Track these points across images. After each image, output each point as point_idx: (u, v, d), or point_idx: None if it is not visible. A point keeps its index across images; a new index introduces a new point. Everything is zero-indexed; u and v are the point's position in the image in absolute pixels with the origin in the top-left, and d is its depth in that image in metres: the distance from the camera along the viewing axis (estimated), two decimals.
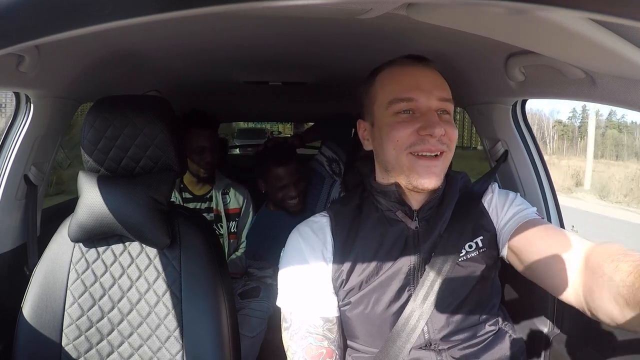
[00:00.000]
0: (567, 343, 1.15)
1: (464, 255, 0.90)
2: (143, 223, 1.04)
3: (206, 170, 1.87)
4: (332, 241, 0.95)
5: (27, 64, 0.98)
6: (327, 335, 0.90)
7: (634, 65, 0.70)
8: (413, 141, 0.85)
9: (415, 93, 0.86)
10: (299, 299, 0.92)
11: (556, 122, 31.01)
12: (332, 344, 0.90)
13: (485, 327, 0.91)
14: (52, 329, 1.05)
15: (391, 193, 0.92)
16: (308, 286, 0.92)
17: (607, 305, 0.69)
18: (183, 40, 1.17)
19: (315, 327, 0.90)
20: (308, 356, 0.88)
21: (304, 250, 0.94)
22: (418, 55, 0.92)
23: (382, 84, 0.91)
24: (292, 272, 0.94)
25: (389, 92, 0.89)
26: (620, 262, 0.68)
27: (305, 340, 0.89)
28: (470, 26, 0.76)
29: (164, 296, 1.07)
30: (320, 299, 0.92)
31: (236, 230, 2.00)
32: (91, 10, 0.24)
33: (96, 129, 1.04)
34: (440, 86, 0.89)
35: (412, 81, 0.88)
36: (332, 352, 0.89)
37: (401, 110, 0.87)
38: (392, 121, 0.87)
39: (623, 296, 0.65)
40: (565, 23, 0.62)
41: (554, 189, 1.35)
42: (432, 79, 0.89)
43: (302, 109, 2.88)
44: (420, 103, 0.86)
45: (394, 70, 0.91)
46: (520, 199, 0.98)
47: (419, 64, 0.90)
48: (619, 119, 23.28)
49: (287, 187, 1.81)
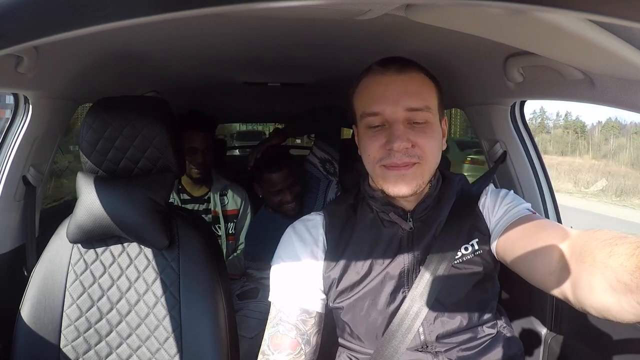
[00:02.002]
0: (565, 344, 1.15)
1: (460, 258, 0.90)
2: (142, 224, 1.04)
3: (199, 172, 1.87)
4: (324, 239, 0.95)
5: (26, 65, 0.97)
6: (298, 326, 0.88)
7: (632, 66, 0.70)
8: (381, 155, 0.86)
9: (380, 106, 0.85)
10: (283, 290, 0.92)
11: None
12: (300, 336, 0.88)
13: (483, 330, 0.91)
14: (51, 330, 1.04)
15: (380, 198, 0.93)
16: (294, 278, 0.92)
17: (599, 296, 0.65)
18: (182, 41, 1.17)
19: (288, 316, 0.89)
20: (271, 344, 0.87)
21: (295, 245, 0.95)
22: (394, 59, 0.90)
23: (359, 95, 0.92)
24: (282, 266, 0.94)
25: (361, 105, 0.90)
26: (614, 246, 0.64)
27: (275, 327, 0.89)
28: (469, 27, 0.76)
29: (162, 297, 1.07)
30: (303, 291, 0.91)
31: (234, 232, 2.00)
32: (90, 11, 0.24)
33: (95, 130, 1.04)
34: (412, 94, 0.85)
35: (379, 93, 0.87)
36: (297, 344, 0.87)
37: (371, 124, 0.88)
38: (365, 135, 0.89)
39: (624, 282, 0.60)
40: (564, 24, 0.62)
41: (552, 190, 1.35)
42: (401, 88, 0.86)
43: (301, 110, 2.88)
44: (385, 115, 0.85)
45: (367, 81, 0.90)
46: (512, 196, 0.96)
47: (390, 72, 0.87)
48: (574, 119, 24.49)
49: (282, 192, 1.81)
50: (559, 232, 0.80)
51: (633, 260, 0.60)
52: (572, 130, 20.54)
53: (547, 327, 1.22)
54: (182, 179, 1.93)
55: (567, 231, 0.79)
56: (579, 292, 0.70)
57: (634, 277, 0.59)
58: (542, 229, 0.83)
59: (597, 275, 0.65)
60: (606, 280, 0.64)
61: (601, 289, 0.65)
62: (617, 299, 0.62)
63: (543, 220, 0.88)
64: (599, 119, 30.10)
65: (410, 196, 0.89)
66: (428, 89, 0.89)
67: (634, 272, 0.59)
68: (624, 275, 0.60)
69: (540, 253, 0.79)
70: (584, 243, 0.71)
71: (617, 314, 0.64)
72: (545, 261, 0.77)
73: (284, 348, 0.86)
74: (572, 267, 0.72)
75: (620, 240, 0.65)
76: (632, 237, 0.65)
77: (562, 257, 0.75)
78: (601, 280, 0.64)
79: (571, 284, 0.72)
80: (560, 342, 1.16)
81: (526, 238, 0.83)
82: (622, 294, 0.61)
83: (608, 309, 0.65)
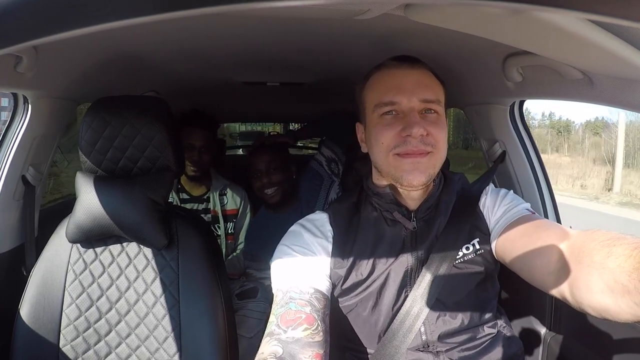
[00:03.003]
0: (565, 344, 1.15)
1: (461, 257, 0.90)
2: (141, 224, 1.03)
3: (195, 169, 1.87)
4: (333, 237, 0.95)
5: (25, 65, 0.97)
6: (312, 302, 0.81)
7: (631, 65, 0.70)
8: (396, 143, 0.87)
9: (396, 96, 0.87)
10: (292, 273, 0.87)
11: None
12: (316, 312, 0.79)
13: (484, 329, 0.91)
14: (50, 330, 1.04)
15: (386, 195, 0.93)
16: (304, 263, 0.89)
17: (597, 297, 0.65)
18: (181, 41, 1.17)
19: (301, 293, 0.82)
20: (282, 321, 0.77)
21: (304, 236, 0.94)
22: (406, 56, 0.93)
23: (370, 88, 0.93)
24: (290, 254, 0.90)
25: (374, 96, 0.91)
26: (612, 247, 0.64)
27: (285, 306, 0.79)
28: (468, 27, 0.76)
29: (161, 297, 1.06)
30: (315, 273, 0.88)
31: (234, 231, 2.00)
32: (89, 11, 0.24)
33: (94, 129, 1.04)
34: (426, 86, 0.89)
35: (395, 84, 0.89)
36: (314, 319, 0.78)
37: (385, 112, 0.88)
38: (378, 124, 0.89)
39: (621, 283, 0.60)
40: (563, 23, 0.62)
41: (551, 189, 1.35)
42: (415, 80, 0.89)
43: (300, 110, 2.88)
44: (402, 105, 0.87)
45: (381, 74, 0.92)
46: (511, 196, 0.97)
47: (404, 65, 0.91)
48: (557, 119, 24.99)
49: (260, 175, 1.84)
50: (558, 232, 0.80)
51: (631, 261, 0.60)
52: (556, 130, 20.93)
53: (546, 326, 1.22)
54: (181, 179, 1.93)
55: (566, 231, 0.80)
56: (577, 292, 0.70)
57: (631, 278, 0.59)
58: (541, 229, 0.84)
59: (594, 276, 0.65)
60: (604, 281, 0.64)
61: (599, 290, 0.65)
62: (614, 300, 0.62)
63: (542, 220, 0.88)
64: (586, 118, 30.70)
65: (421, 187, 0.90)
66: (437, 85, 0.92)
67: (631, 273, 0.59)
68: (622, 276, 0.60)
69: (539, 253, 0.79)
70: (583, 243, 0.71)
71: (615, 314, 0.64)
72: (544, 261, 0.78)
73: (299, 324, 0.76)
74: (571, 268, 0.72)
75: (618, 241, 0.65)
76: (630, 238, 0.65)
77: (561, 257, 0.75)
78: (599, 280, 0.64)
79: (569, 284, 0.72)
80: (560, 341, 1.16)
81: (525, 238, 0.83)
82: (620, 294, 0.61)
83: (606, 309, 0.65)
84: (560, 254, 0.75)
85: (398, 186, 0.91)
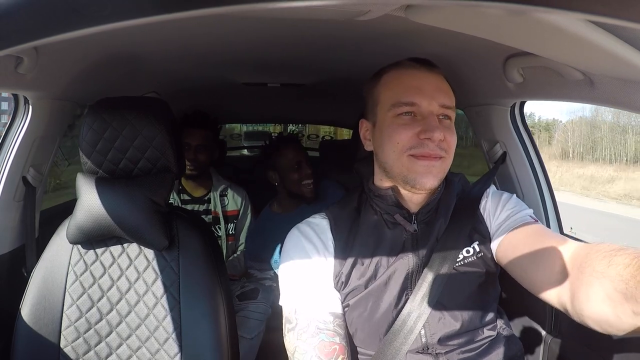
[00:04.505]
0: (565, 346, 1.15)
1: (461, 260, 0.90)
2: (141, 225, 1.03)
3: (192, 168, 1.86)
4: (333, 244, 0.94)
5: (26, 66, 0.97)
6: (337, 331, 0.87)
7: (632, 66, 0.70)
8: (413, 144, 0.86)
9: (417, 97, 0.87)
10: (304, 295, 0.89)
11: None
12: (343, 339, 0.87)
13: (484, 332, 0.91)
14: (51, 331, 1.04)
15: (388, 197, 0.92)
16: (313, 283, 0.91)
17: (596, 306, 0.65)
18: (182, 42, 1.17)
19: (325, 323, 0.87)
20: (322, 354, 0.83)
21: (306, 247, 0.93)
22: (424, 59, 0.92)
23: (386, 86, 0.92)
24: (295, 269, 0.92)
25: (392, 95, 0.89)
26: (614, 257, 0.65)
27: (316, 337, 0.85)
28: (468, 28, 0.76)
29: (162, 298, 1.06)
30: (327, 295, 0.90)
31: (234, 232, 2.00)
32: (90, 12, 0.24)
33: (95, 130, 1.04)
34: (444, 92, 0.89)
35: (415, 85, 0.88)
36: (344, 348, 0.86)
37: (403, 112, 0.87)
38: (394, 123, 0.88)
39: (620, 292, 0.60)
40: (564, 24, 0.62)
41: (552, 191, 1.35)
42: (435, 84, 0.89)
43: (300, 110, 2.88)
44: (422, 107, 0.87)
45: (399, 73, 0.91)
46: (514, 201, 0.96)
47: (424, 68, 0.91)
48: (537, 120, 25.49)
49: (301, 166, 1.82)
50: (561, 242, 0.80)
51: (630, 269, 0.60)
52: (537, 129, 21.45)
53: (546, 329, 1.22)
54: (182, 180, 1.93)
55: (569, 242, 0.80)
56: (577, 302, 0.70)
57: (629, 285, 0.59)
58: (545, 237, 0.84)
59: (595, 285, 0.66)
60: (603, 290, 0.64)
61: (598, 299, 0.65)
62: (613, 309, 0.63)
63: (545, 229, 0.89)
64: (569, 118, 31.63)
65: (430, 190, 0.90)
66: (451, 91, 0.92)
67: (629, 281, 0.59)
68: (620, 284, 0.61)
69: (542, 262, 0.79)
70: (586, 255, 0.71)
71: (614, 324, 0.64)
72: (546, 271, 0.78)
73: (336, 356, 0.84)
74: (572, 279, 0.72)
75: (620, 251, 0.66)
76: (632, 249, 0.65)
77: (564, 267, 0.75)
78: (599, 289, 0.65)
79: (570, 295, 0.72)
80: (560, 344, 1.16)
81: (528, 246, 0.84)
82: (619, 303, 0.61)
83: (606, 319, 0.65)
84: (563, 264, 0.75)
85: (405, 188, 0.91)
